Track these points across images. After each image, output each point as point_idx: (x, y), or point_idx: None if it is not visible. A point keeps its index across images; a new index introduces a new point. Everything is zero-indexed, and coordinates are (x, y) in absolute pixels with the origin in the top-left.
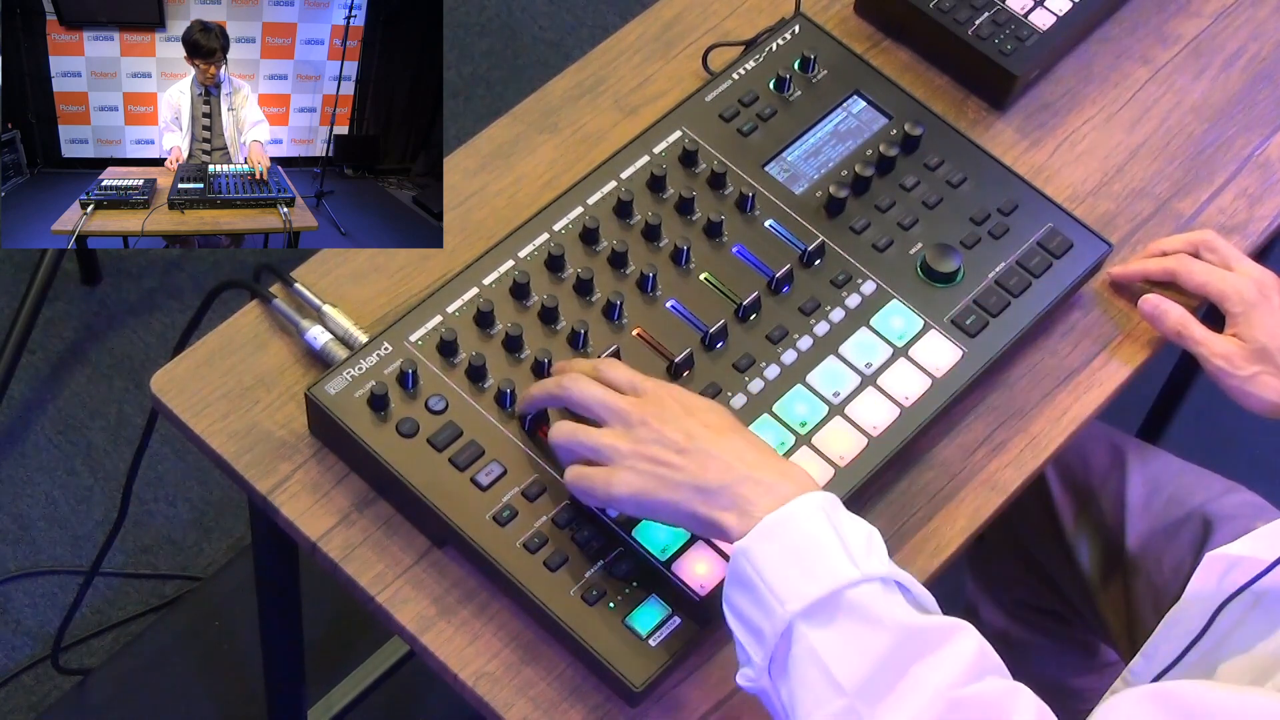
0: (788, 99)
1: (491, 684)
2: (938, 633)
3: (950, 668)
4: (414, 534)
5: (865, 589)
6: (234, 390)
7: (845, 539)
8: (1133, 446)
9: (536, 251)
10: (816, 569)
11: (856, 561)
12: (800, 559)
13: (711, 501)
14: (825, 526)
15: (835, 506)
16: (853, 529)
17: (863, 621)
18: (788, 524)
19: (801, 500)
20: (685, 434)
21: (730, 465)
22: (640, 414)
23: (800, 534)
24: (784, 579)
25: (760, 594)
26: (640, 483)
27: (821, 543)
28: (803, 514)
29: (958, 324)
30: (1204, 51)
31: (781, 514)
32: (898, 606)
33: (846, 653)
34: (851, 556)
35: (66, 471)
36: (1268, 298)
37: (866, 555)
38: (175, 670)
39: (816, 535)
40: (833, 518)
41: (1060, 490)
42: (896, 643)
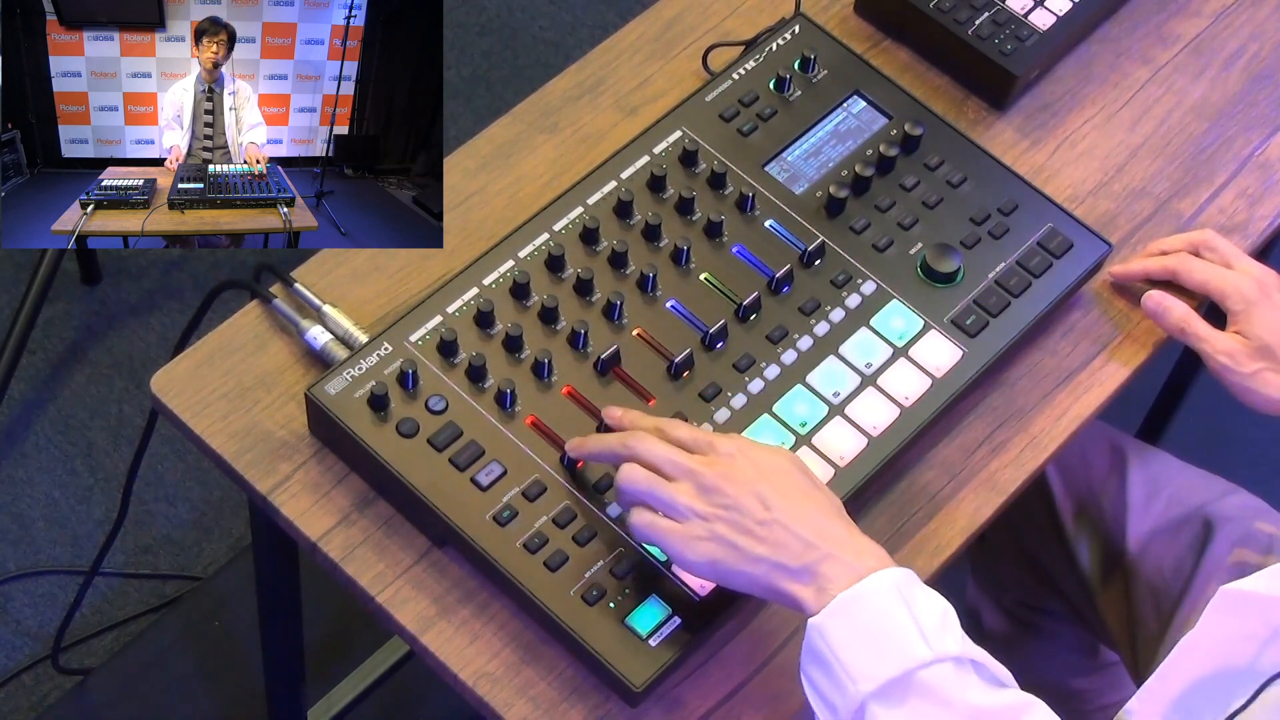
0: (788, 99)
1: (491, 684)
2: (1009, 713)
3: None
4: (414, 534)
5: (937, 670)
6: (234, 390)
7: (918, 617)
8: (1133, 446)
9: (536, 251)
10: (888, 649)
11: (930, 641)
12: (873, 638)
13: (789, 578)
14: (899, 605)
15: (911, 583)
16: (927, 607)
17: (934, 703)
18: (862, 602)
19: (876, 577)
20: (761, 503)
21: (809, 543)
22: (713, 477)
23: (874, 612)
24: (856, 658)
25: (834, 671)
26: (719, 554)
27: (895, 621)
28: (878, 591)
29: (958, 324)
30: (1204, 51)
31: (856, 591)
32: (970, 687)
33: None
34: (924, 636)
35: (66, 471)
36: (1268, 295)
37: (940, 634)
38: (175, 670)
39: (890, 614)
40: (906, 596)
41: (1060, 490)
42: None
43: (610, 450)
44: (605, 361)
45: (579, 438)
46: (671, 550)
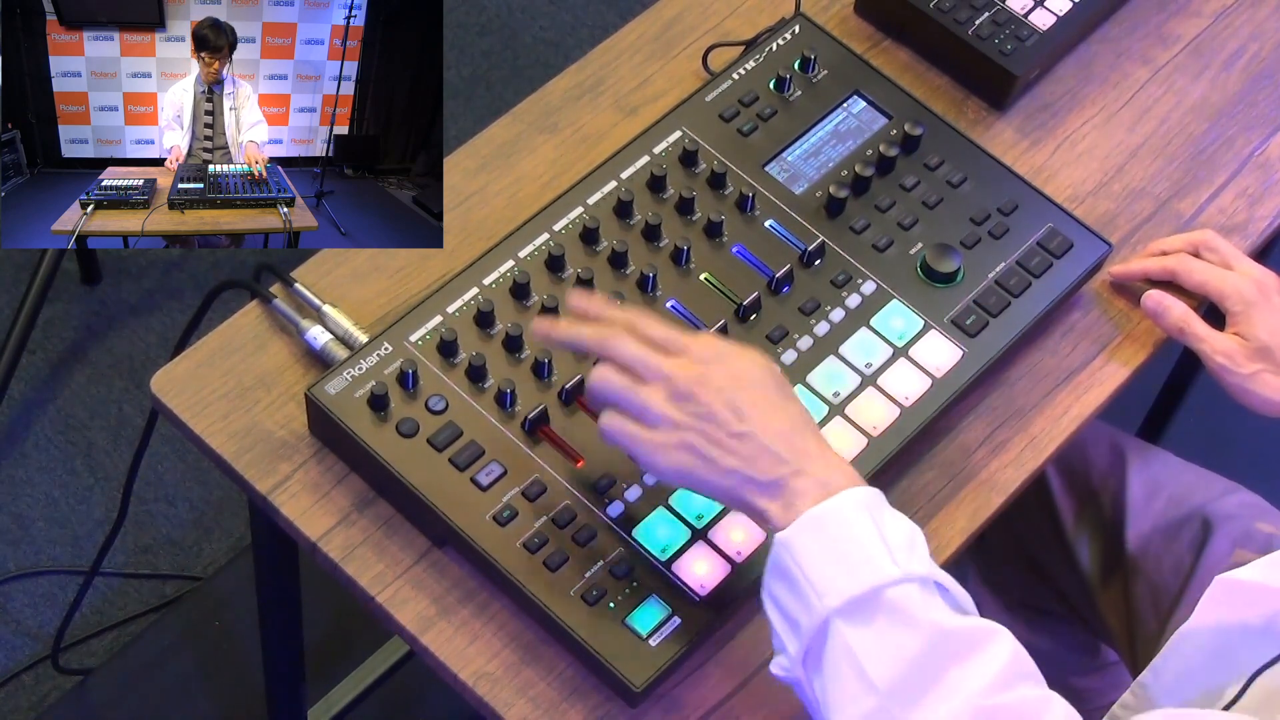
0: (788, 99)
1: (491, 684)
2: (972, 636)
3: (983, 674)
4: (414, 534)
5: (904, 589)
6: (234, 390)
7: (887, 537)
8: (1133, 446)
9: (536, 251)
10: (857, 566)
11: (897, 560)
12: (841, 555)
13: (758, 491)
14: (868, 523)
15: (880, 503)
16: (895, 527)
17: (899, 622)
18: (831, 518)
19: (846, 495)
20: (735, 412)
21: (781, 457)
22: (687, 382)
23: (842, 530)
24: (824, 574)
25: (799, 587)
26: (689, 463)
27: (863, 539)
28: (846, 509)
29: (958, 324)
30: (1204, 51)
31: (825, 508)
32: (935, 608)
33: (881, 652)
34: (892, 555)
35: (66, 471)
36: (1268, 297)
37: (908, 554)
38: (175, 670)
39: (858, 532)
40: (876, 515)
41: (1060, 490)
42: (931, 645)
43: (581, 340)
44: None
45: (548, 320)
46: (640, 456)
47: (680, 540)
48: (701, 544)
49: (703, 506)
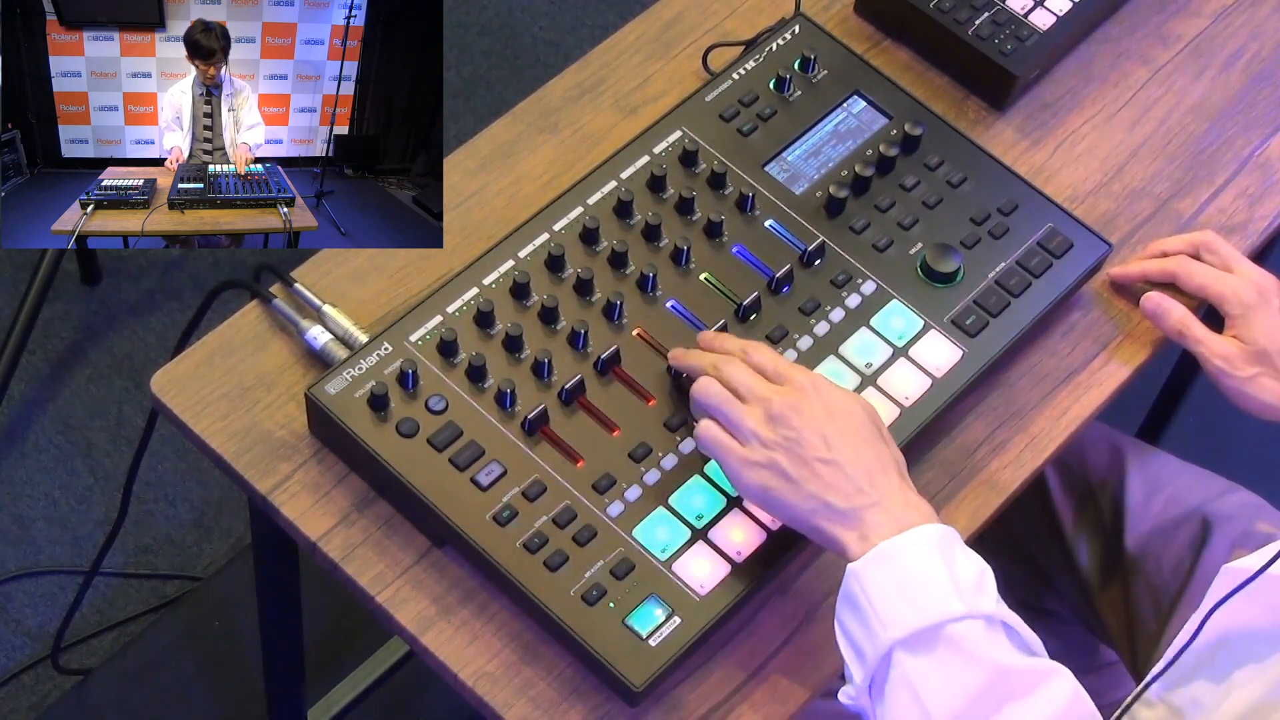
0: (788, 99)
1: (491, 684)
2: (1033, 676)
3: (1040, 712)
4: (414, 534)
5: (968, 625)
6: (234, 390)
7: (956, 574)
8: (1132, 446)
9: (536, 251)
10: (922, 600)
11: (963, 597)
12: (908, 588)
13: (835, 520)
14: (937, 559)
15: (952, 541)
16: (966, 566)
17: (960, 656)
18: (902, 552)
19: (919, 531)
20: (824, 441)
21: (861, 489)
22: (782, 406)
23: (912, 564)
24: (890, 605)
25: (866, 616)
26: (772, 483)
27: (931, 575)
28: (918, 545)
29: (958, 324)
30: (1204, 51)
31: (897, 542)
32: (998, 647)
33: (940, 685)
34: (959, 591)
35: (66, 471)
36: (1267, 300)
37: (975, 593)
38: (175, 670)
39: (928, 567)
40: (946, 552)
41: (1060, 490)
42: (990, 682)
43: (701, 367)
44: (605, 361)
45: (682, 349)
46: (728, 468)
47: (680, 540)
48: (701, 544)
49: (703, 507)
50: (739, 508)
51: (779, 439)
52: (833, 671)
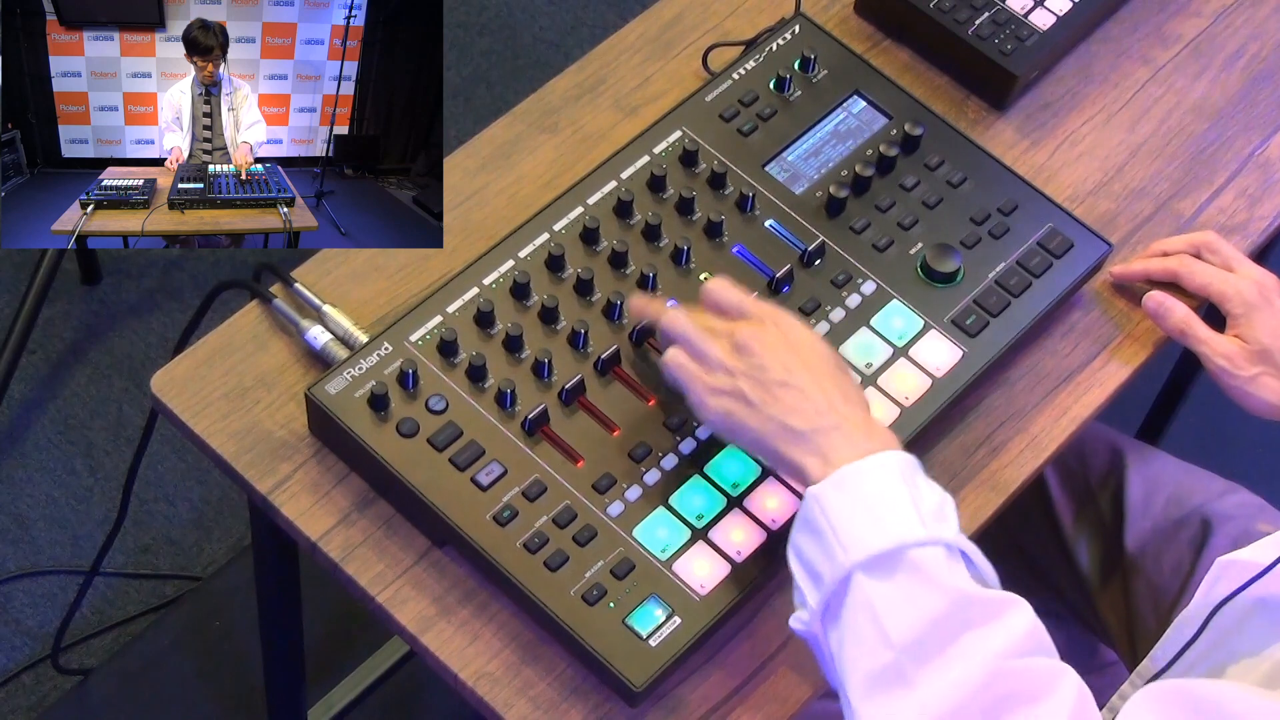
0: (788, 99)
1: (491, 684)
2: (993, 604)
3: (1001, 639)
4: (414, 534)
5: (929, 551)
6: (234, 390)
7: (918, 500)
8: (1132, 447)
9: (536, 251)
10: (884, 523)
11: (925, 523)
12: (870, 511)
13: (795, 443)
14: (899, 485)
15: (914, 468)
16: (928, 493)
17: (922, 581)
18: (864, 476)
19: (882, 456)
20: (785, 368)
21: (820, 411)
22: (746, 336)
23: (874, 488)
24: (851, 528)
25: (825, 539)
26: (734, 407)
27: (893, 499)
28: (880, 469)
29: (958, 324)
30: (1204, 51)
31: (859, 465)
32: (959, 574)
33: (901, 609)
34: (921, 517)
35: (66, 471)
36: (1269, 300)
37: (937, 519)
38: (175, 670)
39: (890, 491)
40: (909, 478)
41: (1060, 491)
42: (951, 607)
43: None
44: (605, 361)
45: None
46: (692, 393)
47: (680, 540)
48: (701, 544)
49: (703, 507)
50: (739, 508)
51: (743, 367)
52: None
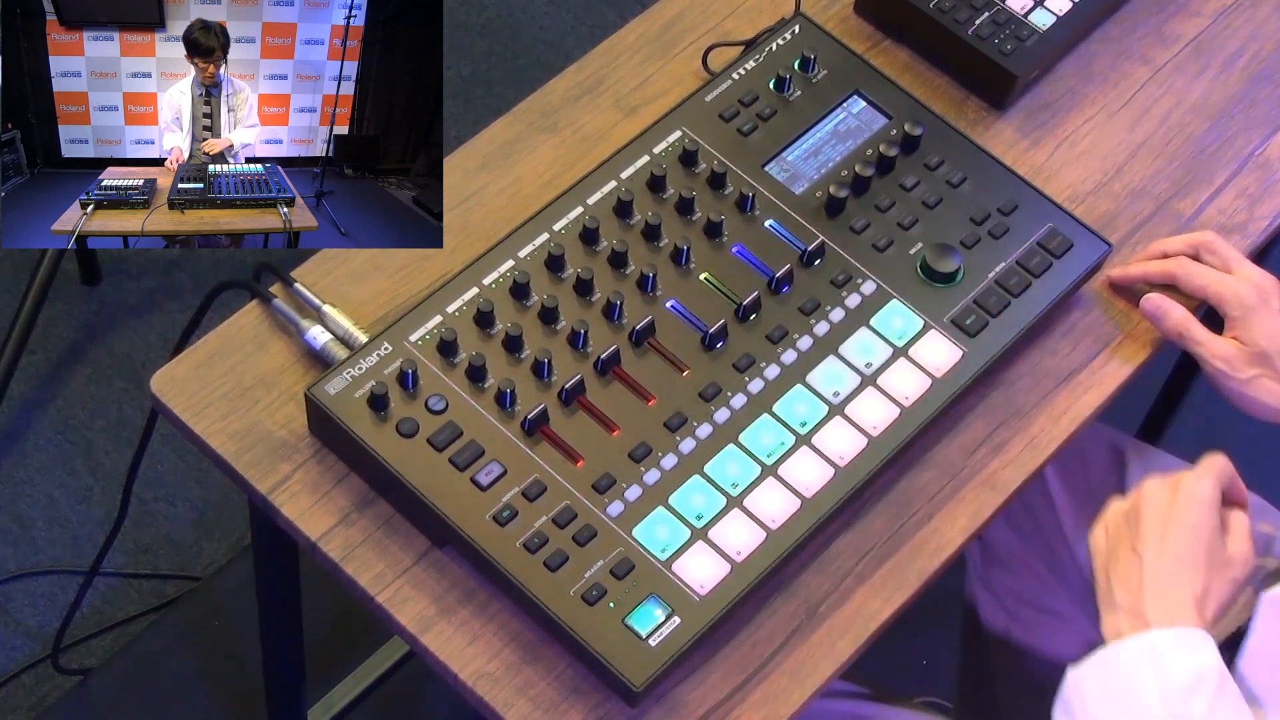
0: (788, 99)
1: (491, 684)
2: None
3: None
4: (414, 534)
5: None
6: (234, 390)
7: (1165, 682)
8: (1133, 447)
9: (536, 251)
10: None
11: (1170, 707)
12: (1118, 700)
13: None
14: (1148, 665)
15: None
16: (1183, 665)
17: None
18: (1116, 663)
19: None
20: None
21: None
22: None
23: (1122, 673)
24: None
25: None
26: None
27: (1140, 685)
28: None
29: (958, 324)
30: (1204, 51)
31: (1113, 649)
32: None
33: None
34: (1166, 702)
35: (66, 471)
36: (1267, 302)
37: (1184, 700)
38: (175, 670)
39: (1138, 674)
40: (1161, 655)
41: (1060, 490)
42: None
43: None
44: (605, 361)
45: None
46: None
47: (680, 540)
48: (701, 544)
49: (703, 507)
50: (739, 508)
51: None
52: (832, 672)
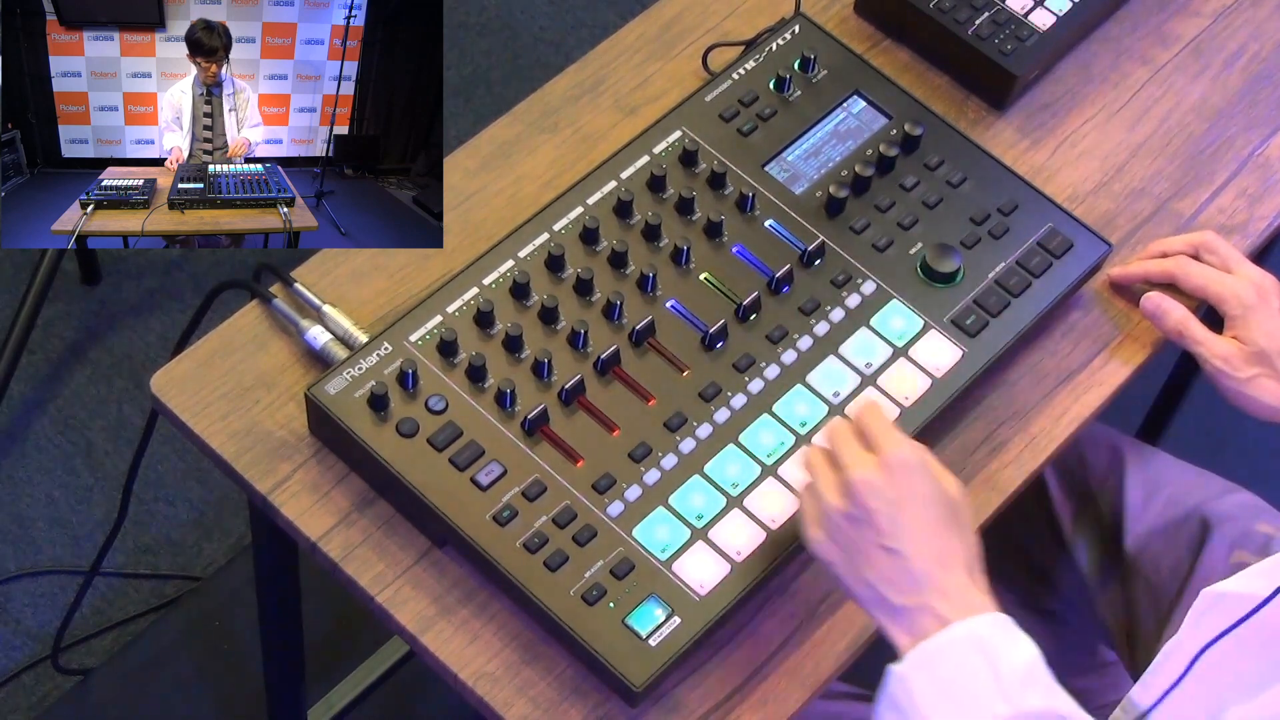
0: (788, 99)
1: (491, 684)
2: None
3: None
4: (414, 534)
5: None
6: (234, 390)
7: (1000, 671)
8: (1132, 447)
9: (536, 251)
10: (967, 705)
11: (1008, 695)
12: (951, 693)
13: (888, 614)
14: (978, 657)
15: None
16: (1011, 658)
17: None
18: (943, 654)
19: (960, 626)
20: (891, 526)
21: (917, 584)
22: (860, 481)
23: (955, 666)
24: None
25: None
26: (833, 556)
27: (973, 676)
28: (959, 642)
29: (958, 324)
30: (1204, 51)
31: (941, 640)
32: None
33: None
34: (1003, 690)
35: (66, 471)
36: (1266, 301)
37: (1021, 688)
38: (175, 670)
39: (969, 667)
40: (991, 647)
41: (1059, 491)
42: None
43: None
44: (605, 361)
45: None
46: (801, 526)
47: (680, 540)
48: (701, 544)
49: (703, 507)
50: (739, 508)
51: (850, 510)
52: (832, 672)
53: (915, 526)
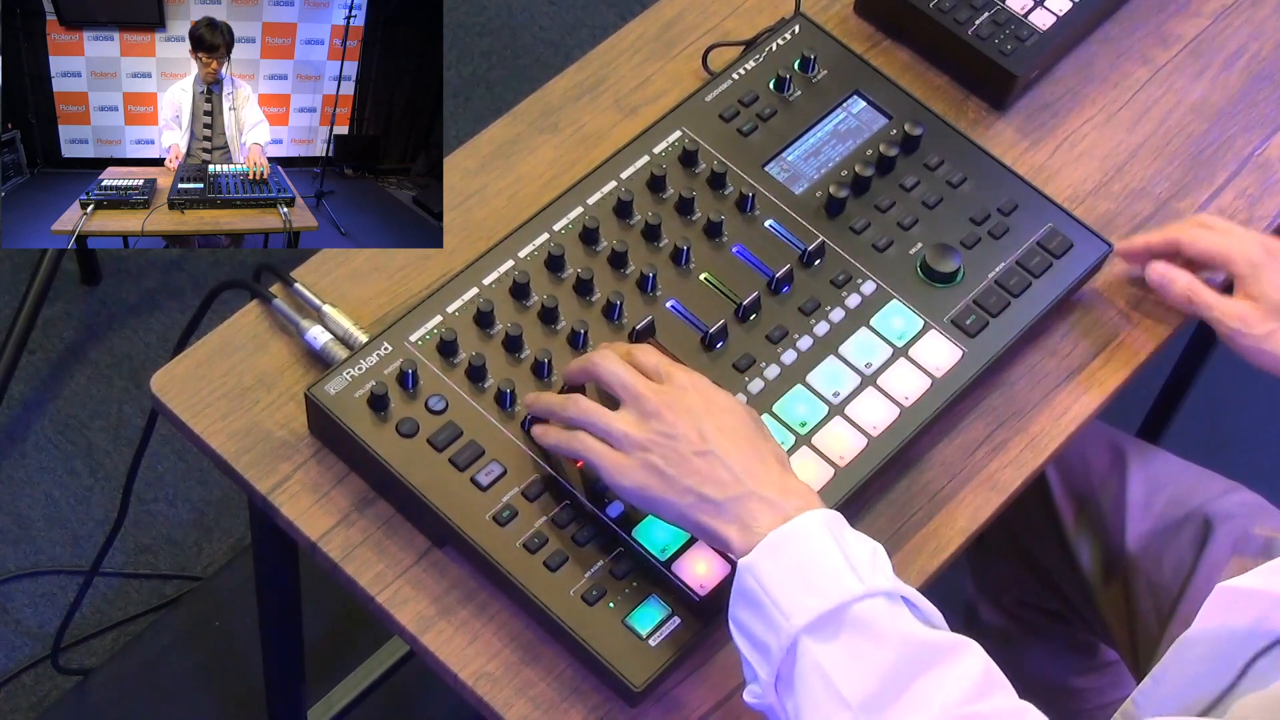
0: (788, 99)
1: (491, 684)
2: (943, 648)
3: (956, 684)
4: (414, 534)
5: (870, 604)
6: (234, 390)
7: (849, 554)
8: (1133, 446)
9: (536, 251)
10: (821, 584)
11: (861, 576)
12: (804, 574)
13: (715, 514)
14: (829, 542)
15: (839, 523)
16: (857, 545)
17: (867, 636)
18: (792, 540)
19: (806, 516)
20: (699, 434)
21: (737, 478)
22: (657, 403)
23: (805, 549)
24: (788, 594)
25: (766, 610)
26: (648, 481)
27: (825, 558)
28: (807, 530)
29: (958, 324)
30: (1204, 51)
31: (785, 530)
32: (903, 621)
33: (851, 667)
34: (856, 571)
35: (66, 471)
36: (1275, 256)
37: (871, 570)
38: (175, 670)
39: (820, 551)
40: (836, 534)
41: (1060, 490)
42: (901, 657)
43: (580, 368)
44: None
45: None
46: (604, 474)
47: (680, 540)
48: (701, 544)
49: None
50: None
51: (653, 436)
52: None
53: (723, 430)
